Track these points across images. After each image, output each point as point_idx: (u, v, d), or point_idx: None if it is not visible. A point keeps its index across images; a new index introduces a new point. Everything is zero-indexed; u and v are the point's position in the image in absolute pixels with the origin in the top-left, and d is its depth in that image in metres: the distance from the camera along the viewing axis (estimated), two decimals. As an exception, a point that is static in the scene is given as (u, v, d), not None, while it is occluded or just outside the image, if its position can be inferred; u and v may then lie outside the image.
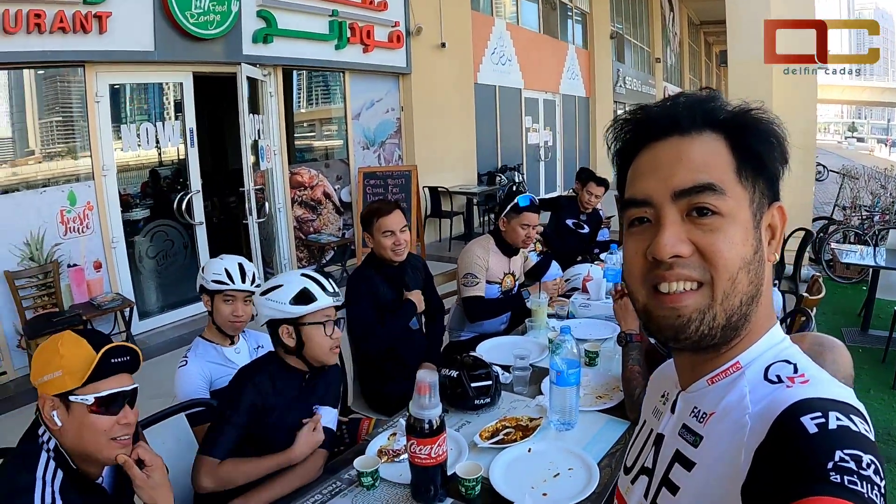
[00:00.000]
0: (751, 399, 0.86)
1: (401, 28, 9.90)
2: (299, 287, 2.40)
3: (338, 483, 2.25)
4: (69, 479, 1.78)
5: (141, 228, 7.57)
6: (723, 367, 0.94)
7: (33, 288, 6.31)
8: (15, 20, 5.89)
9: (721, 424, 0.89)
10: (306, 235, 9.26)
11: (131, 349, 1.88)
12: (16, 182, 6.41)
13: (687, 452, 0.93)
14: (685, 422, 0.97)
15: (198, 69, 7.58)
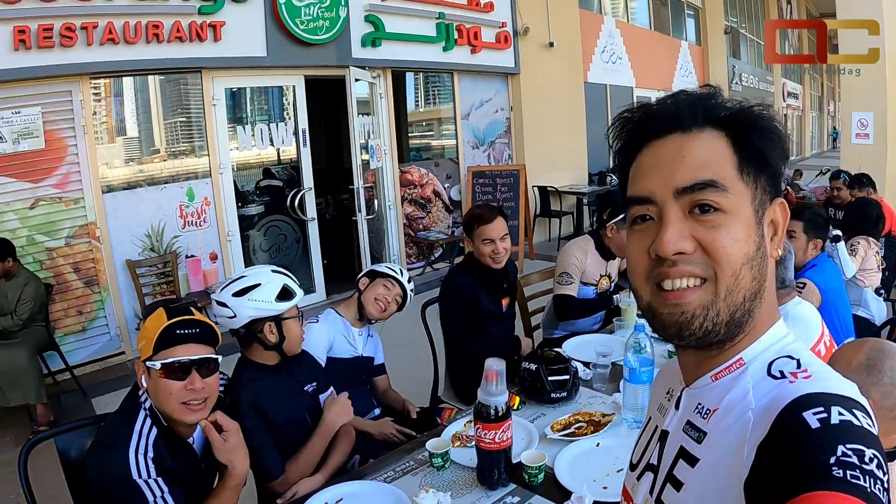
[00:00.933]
0: (754, 395, 0.84)
1: (508, 28, 9.62)
2: (280, 284, 2.41)
3: (411, 462, 2.31)
4: (161, 435, 1.93)
5: (255, 223, 7.72)
6: (726, 364, 0.91)
7: (153, 276, 6.55)
8: (135, 31, 6.11)
9: (725, 420, 0.87)
10: (415, 233, 9.16)
11: (201, 322, 1.95)
12: (141, 179, 6.65)
13: (691, 448, 0.91)
14: (689, 418, 0.94)
15: (309, 73, 7.62)
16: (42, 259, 5.91)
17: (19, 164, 5.75)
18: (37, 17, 5.56)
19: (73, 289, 6.11)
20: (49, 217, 5.94)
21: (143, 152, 6.82)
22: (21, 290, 5.15)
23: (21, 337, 5.14)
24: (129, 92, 6.66)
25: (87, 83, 6.05)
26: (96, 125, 6.29)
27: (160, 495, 1.84)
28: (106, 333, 6.27)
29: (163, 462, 1.90)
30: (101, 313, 6.26)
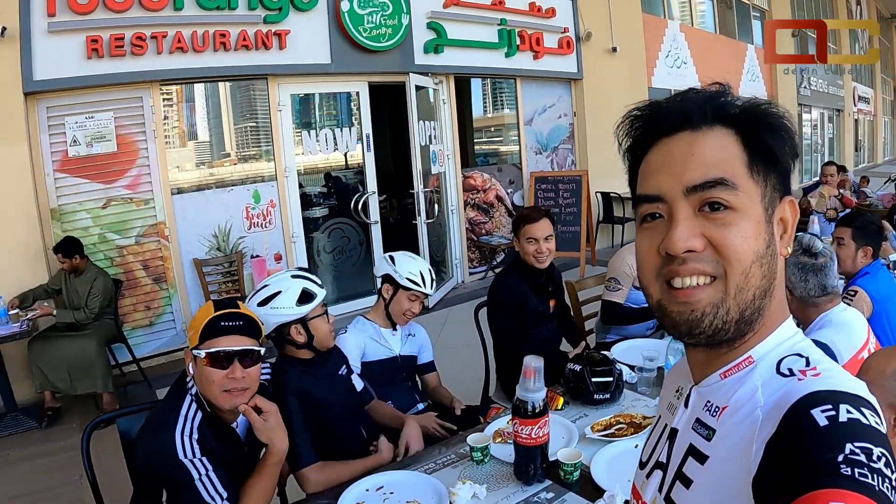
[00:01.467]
0: (763, 392, 0.83)
1: (570, 34, 9.41)
2: (300, 288, 2.43)
3: (451, 455, 2.34)
4: (206, 419, 2.01)
5: (320, 225, 7.72)
6: (735, 362, 0.89)
7: (219, 275, 6.62)
8: (203, 40, 6.21)
9: (733, 418, 0.85)
10: (478, 237, 9.03)
11: (245, 316, 2.03)
12: (209, 181, 6.76)
13: (700, 446, 0.89)
14: (698, 416, 0.93)
15: (372, 79, 7.61)
16: (113, 256, 6.06)
17: (92, 166, 5.90)
18: (108, 27, 5.72)
19: (141, 285, 6.23)
20: (120, 216, 6.08)
21: (213, 156, 6.94)
22: (90, 285, 5.25)
23: (91, 329, 5.25)
24: (200, 98, 6.81)
25: (158, 89, 6.18)
26: (167, 129, 6.42)
27: (204, 473, 1.92)
28: (172, 329, 6.38)
29: (207, 444, 1.97)
30: (168, 309, 6.37)
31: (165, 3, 5.94)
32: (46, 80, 5.51)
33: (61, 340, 5.15)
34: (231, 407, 2.00)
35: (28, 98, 5.50)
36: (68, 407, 5.32)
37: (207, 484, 1.92)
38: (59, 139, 5.76)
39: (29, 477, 4.35)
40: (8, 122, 5.39)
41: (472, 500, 2.01)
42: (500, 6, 8.48)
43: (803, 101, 17.45)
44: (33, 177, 5.56)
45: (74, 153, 5.78)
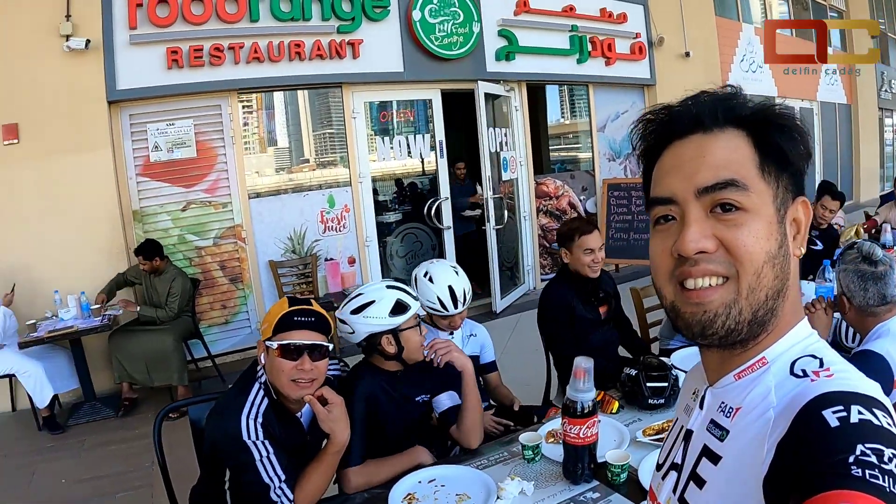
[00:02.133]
0: (776, 393, 0.80)
1: (642, 39, 9.03)
2: (394, 299, 2.36)
3: (504, 453, 2.32)
4: (272, 406, 2.07)
5: (393, 230, 7.66)
6: (749, 363, 0.87)
7: (293, 276, 6.60)
8: (278, 50, 6.21)
9: (747, 419, 0.83)
10: (550, 244, 8.72)
11: (317, 312, 2.07)
12: (285, 186, 6.76)
13: (714, 447, 0.87)
14: (713, 417, 0.90)
15: (444, 87, 7.45)
16: (191, 256, 6.12)
17: (173, 171, 5.98)
18: (188, 39, 5.80)
19: (218, 285, 6.27)
20: (199, 219, 6.13)
21: (292, 162, 6.98)
22: (169, 285, 5.31)
23: (169, 325, 5.31)
24: (278, 105, 6.86)
25: (235, 98, 6.22)
26: (245, 136, 6.47)
27: (266, 455, 1.98)
28: (247, 327, 6.37)
29: (270, 428, 2.03)
30: (243, 308, 6.38)
31: (242, 15, 5.97)
32: (129, 90, 5.62)
33: (140, 334, 5.22)
34: (297, 397, 2.05)
35: (112, 106, 5.61)
36: (144, 398, 5.39)
37: (267, 465, 1.98)
38: (141, 145, 5.86)
39: (103, 462, 4.43)
40: (93, 130, 5.52)
41: (520, 496, 1.98)
42: (571, 13, 8.20)
43: (884, 105, 16.21)
44: (117, 181, 5.66)
45: (156, 158, 5.87)
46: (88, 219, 5.54)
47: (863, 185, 14.99)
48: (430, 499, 2.04)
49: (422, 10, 6.88)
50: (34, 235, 5.42)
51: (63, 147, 5.40)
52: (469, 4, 7.19)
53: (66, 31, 5.26)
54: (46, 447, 4.71)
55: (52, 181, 5.42)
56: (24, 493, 4.08)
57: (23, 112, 5.31)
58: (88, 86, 5.43)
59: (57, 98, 5.38)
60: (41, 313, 5.22)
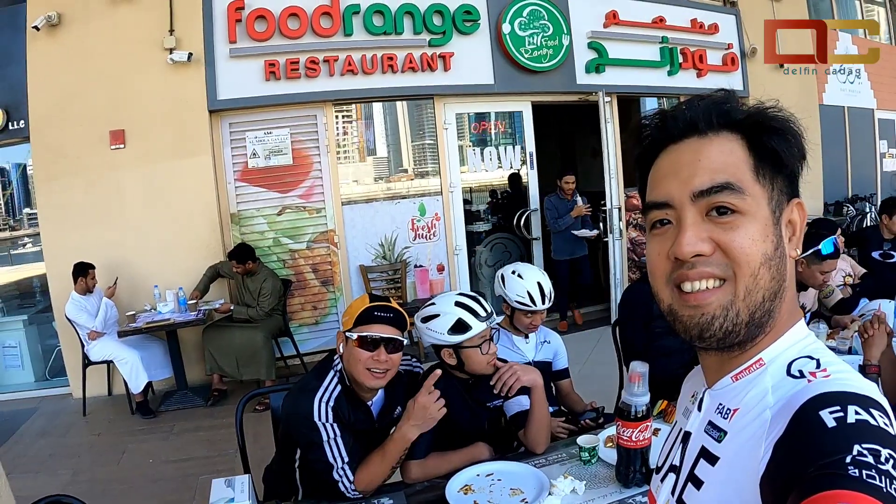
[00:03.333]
0: (773, 394, 0.77)
1: (734, 50, 8.31)
2: (455, 318, 2.27)
3: (563, 454, 2.29)
4: (344, 392, 2.10)
5: (482, 239, 7.37)
6: (746, 364, 0.83)
7: (383, 281, 6.43)
8: (371, 63, 6.08)
9: (744, 419, 0.79)
10: (639, 257, 8.10)
11: (395, 309, 2.10)
12: (377, 194, 6.60)
13: (711, 448, 0.83)
14: (711, 418, 0.86)
15: (535, 98, 7.11)
16: (285, 259, 6.05)
17: (269, 177, 5.94)
18: (284, 53, 5.76)
19: (310, 286, 6.17)
20: (293, 223, 6.06)
21: (390, 171, 6.83)
22: (261, 285, 5.26)
23: (260, 322, 5.25)
24: (376, 116, 6.73)
25: (331, 108, 6.16)
26: (342, 145, 6.40)
27: (333, 437, 2.02)
28: (336, 328, 6.17)
29: (340, 412, 2.06)
30: (333, 310, 6.25)
31: (336, 29, 5.88)
32: (228, 100, 5.64)
33: (233, 330, 5.21)
34: (370, 386, 2.07)
35: (212, 115, 5.65)
36: (233, 391, 5.37)
37: (333, 447, 2.01)
38: (240, 152, 5.87)
39: (189, 446, 4.46)
40: (195, 137, 5.56)
41: (571, 495, 1.96)
42: (661, 24, 7.64)
43: None
44: (216, 185, 5.68)
45: (254, 165, 5.86)
46: (188, 220, 5.58)
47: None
48: (485, 491, 2.04)
49: (511, 24, 6.57)
50: (138, 234, 5.51)
51: (166, 153, 5.48)
52: (558, 17, 6.83)
53: (169, 45, 5.35)
54: (137, 429, 4.78)
55: (155, 184, 5.50)
56: (115, 469, 4.18)
57: (129, 119, 5.42)
58: (190, 96, 5.49)
59: (161, 107, 5.46)
60: (141, 306, 5.30)
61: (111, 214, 5.44)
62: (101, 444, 4.55)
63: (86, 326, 4.94)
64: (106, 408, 5.27)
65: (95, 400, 5.33)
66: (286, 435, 2.21)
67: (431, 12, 6.21)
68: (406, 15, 6.12)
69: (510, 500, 1.97)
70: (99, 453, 4.41)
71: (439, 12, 6.25)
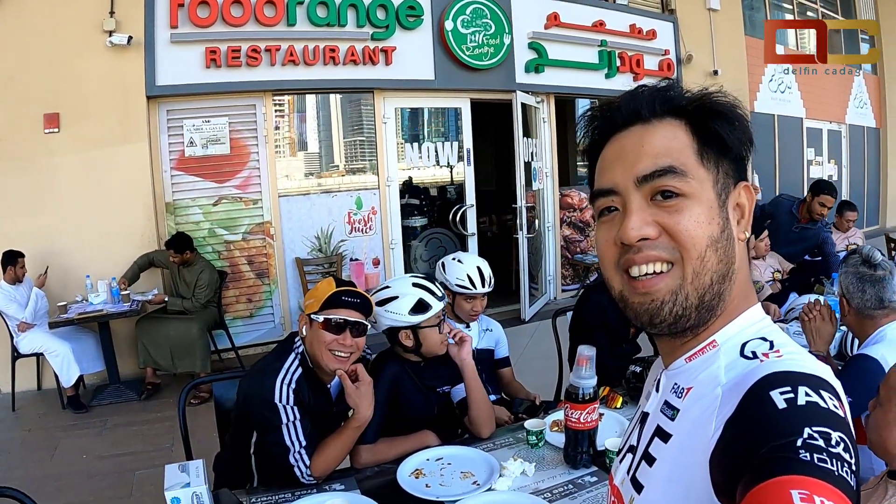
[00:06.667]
0: (725, 374, 0.80)
1: (671, 56, 8.92)
2: (416, 298, 2.40)
3: (510, 438, 2.41)
4: (305, 375, 2.19)
5: (418, 234, 7.64)
6: (699, 346, 0.87)
7: (318, 274, 6.58)
8: (313, 54, 6.24)
9: (697, 397, 0.83)
10: (572, 255, 8.64)
11: (362, 294, 2.20)
12: (315, 186, 6.79)
13: (665, 426, 0.88)
14: (666, 398, 0.91)
15: (474, 96, 7.44)
16: (220, 250, 6.16)
17: (206, 166, 6.04)
18: (226, 40, 5.86)
19: (245, 279, 6.31)
20: (230, 214, 6.18)
21: (322, 165, 6.97)
22: (197, 276, 5.37)
23: (195, 314, 5.35)
24: (311, 109, 6.88)
25: (270, 98, 6.27)
26: (277, 137, 6.50)
27: (292, 420, 2.08)
28: (271, 321, 6.40)
29: (300, 395, 2.14)
30: (268, 303, 6.40)
31: (280, 18, 6.02)
32: (167, 86, 5.70)
33: (167, 321, 5.28)
34: (334, 368, 2.15)
35: (150, 101, 5.70)
36: (167, 384, 5.44)
37: (292, 430, 2.07)
38: (177, 140, 5.93)
39: (124, 441, 4.49)
40: (131, 123, 5.60)
41: (521, 476, 2.07)
42: (601, 28, 8.14)
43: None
44: (152, 173, 5.73)
45: (191, 153, 5.94)
46: (123, 208, 5.61)
47: (890, 208, 14.56)
48: (436, 475, 2.13)
49: (454, 21, 6.87)
50: (70, 222, 5.51)
51: (102, 138, 5.49)
52: (501, 16, 7.17)
53: (109, 27, 5.36)
54: (69, 424, 4.78)
55: (89, 171, 5.50)
56: (48, 465, 4.16)
57: (65, 103, 5.42)
58: (129, 81, 5.51)
59: (98, 91, 5.47)
60: (72, 297, 5.30)
61: (42, 201, 5.42)
62: (32, 440, 4.54)
63: (15, 317, 4.92)
64: (36, 402, 5.25)
65: (25, 394, 5.31)
66: (242, 418, 2.26)
67: (375, 6, 6.42)
68: (350, 7, 6.30)
69: (461, 482, 2.06)
70: (30, 449, 4.40)
71: (383, 6, 6.47)
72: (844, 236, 5.81)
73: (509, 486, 2.01)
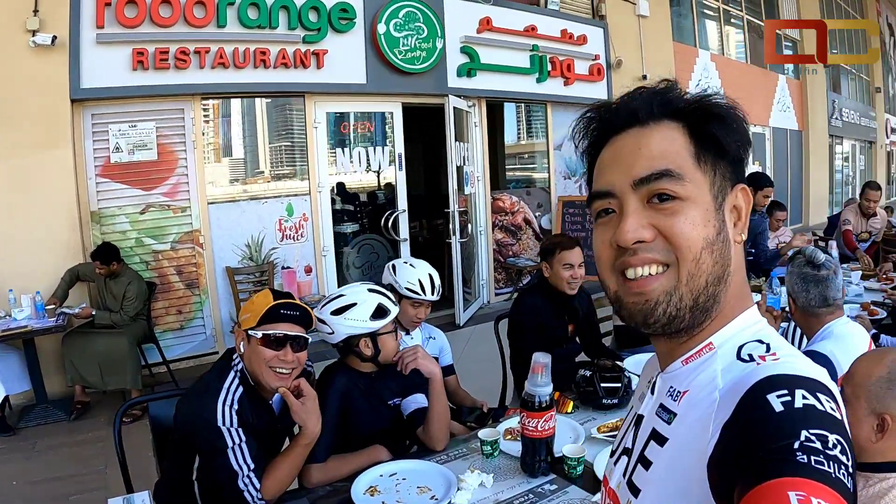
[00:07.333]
0: (722, 377, 0.83)
1: (601, 61, 9.45)
2: (375, 303, 2.46)
3: (464, 449, 2.45)
4: (246, 394, 2.17)
5: (350, 241, 7.85)
6: (696, 348, 0.90)
7: (250, 283, 6.68)
8: (244, 56, 6.36)
9: (693, 401, 0.86)
10: (505, 259, 9.02)
11: (301, 307, 2.21)
12: (244, 193, 6.91)
13: (661, 429, 0.90)
14: (662, 401, 0.94)
15: (406, 100, 7.71)
16: (148, 260, 6.18)
17: (133, 173, 6.06)
18: (154, 41, 5.90)
19: (174, 289, 6.34)
20: (157, 222, 6.21)
21: (256, 169, 7.10)
22: (125, 288, 5.37)
23: (124, 328, 5.35)
24: (238, 114, 6.98)
25: (199, 102, 6.35)
26: (210, 141, 6.61)
27: (238, 443, 2.07)
28: (202, 333, 6.47)
29: (244, 415, 2.12)
30: (199, 314, 6.46)
31: (209, 19, 6.10)
32: (93, 89, 5.69)
33: (95, 337, 5.25)
34: (275, 385, 2.15)
35: (74, 105, 5.67)
36: (97, 402, 5.42)
37: (238, 453, 2.07)
38: (102, 145, 5.92)
39: (55, 464, 4.44)
40: (55, 127, 5.56)
41: (480, 488, 2.11)
42: (533, 32, 8.56)
43: (835, 133, 17.09)
44: (76, 180, 5.71)
45: (116, 159, 5.94)
46: (46, 218, 5.57)
47: (812, 208, 15.85)
48: (391, 491, 2.14)
49: (387, 24, 7.13)
50: None
51: (23, 144, 5.42)
52: (434, 20, 7.47)
53: (32, 27, 5.31)
54: None
55: (9, 178, 5.42)
56: None
57: None
58: (52, 83, 5.47)
59: (19, 93, 5.40)
60: None
61: (-42, 211, 5.29)
62: (-44, 468, 4.37)
63: (-67, 335, 4.78)
64: (-43, 427, 5.04)
65: (-55, 418, 5.11)
66: (182, 443, 2.21)
67: (307, 8, 6.59)
68: (282, 9, 6.45)
69: (419, 498, 2.08)
70: (-46, 478, 4.24)
71: (315, 8, 6.65)
72: (775, 235, 6.33)
73: (469, 499, 2.04)
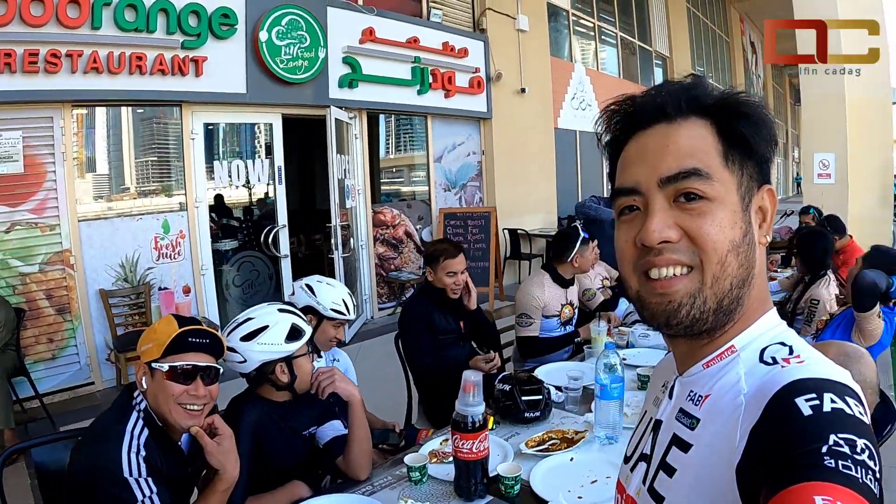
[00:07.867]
0: (746, 380, 0.84)
1: (481, 74, 9.86)
2: (289, 324, 2.38)
3: (389, 478, 2.36)
4: (152, 436, 1.99)
5: (229, 258, 7.75)
6: (718, 352, 0.91)
7: (125, 307, 6.47)
8: (118, 62, 6.15)
9: (716, 406, 0.87)
10: (387, 273, 9.19)
11: (211, 334, 2.05)
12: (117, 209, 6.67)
13: (684, 435, 0.91)
14: (682, 406, 0.94)
15: (287, 111, 7.72)
16: (15, 284, 5.83)
17: None
18: (23, 42, 5.59)
19: (44, 315, 6.01)
20: (24, 242, 5.87)
21: (130, 183, 6.85)
22: None
23: None
24: (106, 125, 6.71)
25: (69, 111, 6.06)
26: (81, 154, 6.35)
27: (149, 495, 1.88)
28: (76, 363, 6.16)
29: (153, 462, 1.95)
30: (72, 342, 6.16)
31: (84, 20, 5.86)
32: None
33: None
34: (187, 425, 2.00)
35: None
36: None
37: None
38: None
39: None
40: None
41: None
42: (415, 44, 8.83)
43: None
44: None
45: None
46: None
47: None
48: None
49: (269, 32, 7.13)
50: None
51: None
52: (317, 29, 7.55)
53: None
54: None
55: None
56: None
57: None
58: None
59: None
60: None
61: None
62: None
63: None
64: None
65: None
66: (79, 496, 1.92)
67: (188, 12, 6.48)
68: (161, 12, 6.30)
69: None
70: None
71: (196, 13, 6.54)
72: None
73: (406, 531, 1.97)
